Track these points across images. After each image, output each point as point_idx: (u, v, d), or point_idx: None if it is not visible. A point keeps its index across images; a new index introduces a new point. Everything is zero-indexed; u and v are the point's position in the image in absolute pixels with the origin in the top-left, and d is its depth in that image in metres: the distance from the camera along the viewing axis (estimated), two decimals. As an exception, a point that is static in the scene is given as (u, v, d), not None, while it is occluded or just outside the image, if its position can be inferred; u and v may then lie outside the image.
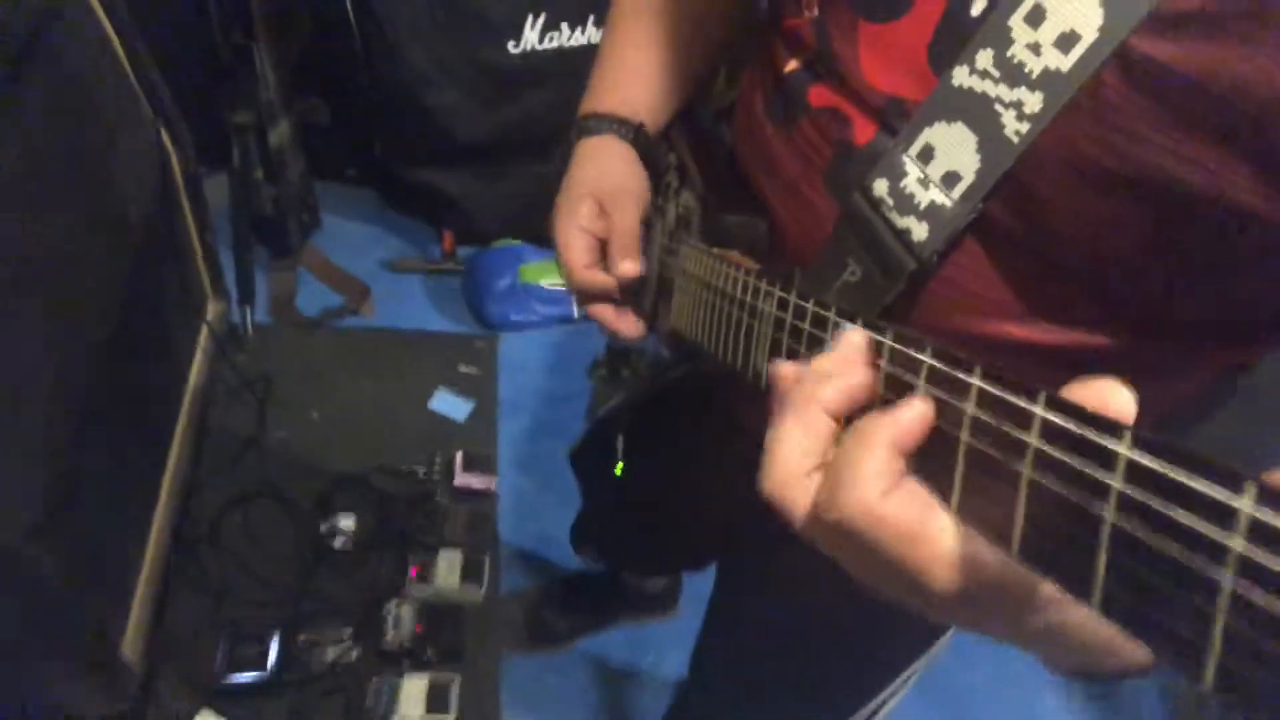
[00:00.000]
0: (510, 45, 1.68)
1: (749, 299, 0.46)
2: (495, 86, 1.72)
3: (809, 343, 0.39)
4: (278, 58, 1.60)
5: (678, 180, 0.66)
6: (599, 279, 0.62)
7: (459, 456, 1.45)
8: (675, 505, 0.91)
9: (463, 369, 1.69)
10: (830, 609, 0.75)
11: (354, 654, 1.16)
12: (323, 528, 1.33)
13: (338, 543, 1.32)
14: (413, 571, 1.27)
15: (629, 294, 0.65)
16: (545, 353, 1.83)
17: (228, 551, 1.28)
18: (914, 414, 0.30)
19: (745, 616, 0.89)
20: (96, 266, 1.00)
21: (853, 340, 0.33)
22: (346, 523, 1.35)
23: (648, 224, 0.67)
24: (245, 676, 1.08)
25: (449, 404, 1.62)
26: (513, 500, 1.45)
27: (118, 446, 1.07)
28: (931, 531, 0.29)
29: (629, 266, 0.61)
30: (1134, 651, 0.32)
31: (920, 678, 0.82)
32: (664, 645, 1.35)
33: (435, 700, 1.11)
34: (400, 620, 1.20)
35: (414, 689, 1.12)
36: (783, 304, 0.41)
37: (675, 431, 0.76)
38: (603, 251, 0.63)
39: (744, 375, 0.46)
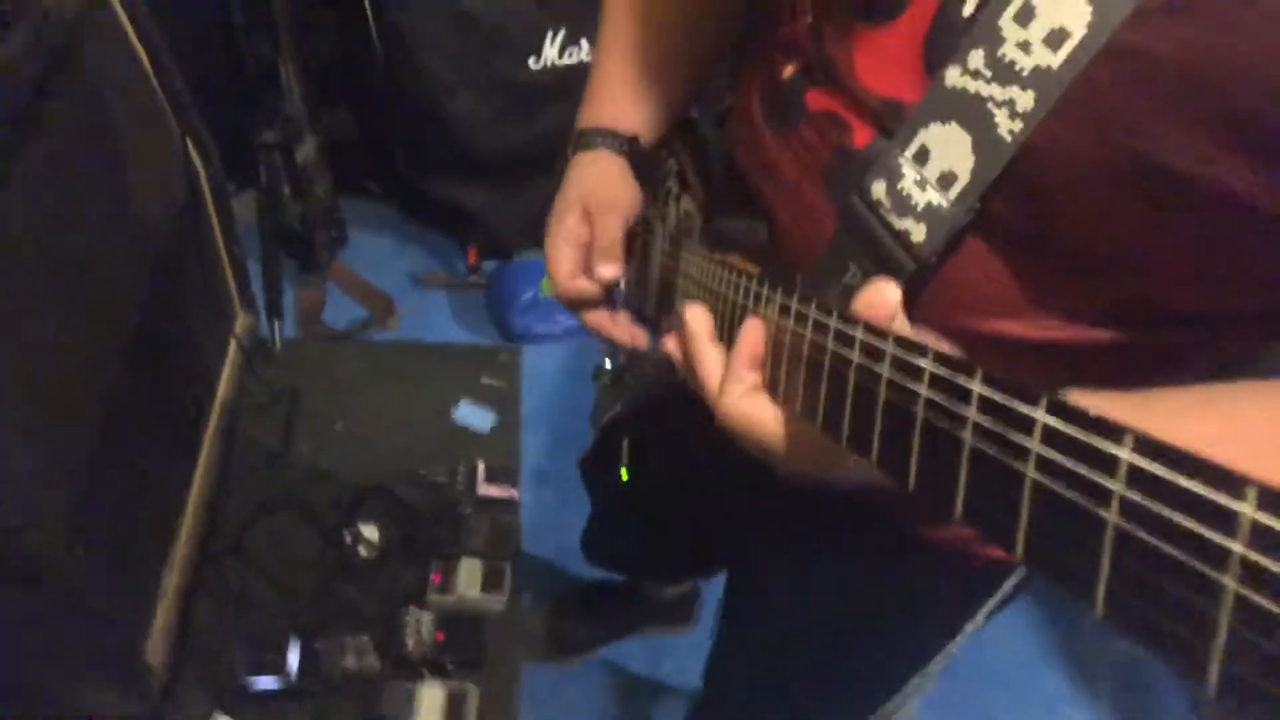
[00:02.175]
0: (530, 61, 1.70)
1: (750, 304, 0.47)
2: (516, 102, 1.75)
3: (810, 347, 0.39)
4: (303, 74, 1.64)
5: (678, 186, 0.67)
6: (582, 286, 0.63)
7: (481, 467, 1.46)
8: (681, 509, 0.91)
9: (486, 381, 1.70)
10: (839, 608, 0.75)
11: (373, 662, 1.17)
12: (346, 537, 1.34)
13: (361, 552, 1.34)
14: (434, 579, 1.27)
15: (631, 300, 0.66)
16: (568, 365, 1.84)
17: (252, 560, 1.30)
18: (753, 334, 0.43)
19: (756, 619, 0.89)
20: (119, 276, 1.02)
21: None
22: (370, 532, 1.36)
23: (648, 230, 0.67)
24: (265, 682, 1.09)
25: (472, 415, 1.63)
26: (534, 511, 1.45)
27: (145, 455, 1.10)
28: (768, 419, 0.43)
29: (606, 270, 0.62)
30: None
31: (940, 696, 0.81)
32: (683, 656, 1.34)
33: (453, 710, 1.11)
34: (421, 628, 1.20)
35: (432, 699, 1.12)
36: (784, 309, 0.41)
37: (680, 436, 0.77)
38: (589, 260, 0.63)
39: None
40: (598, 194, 0.64)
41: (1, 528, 0.73)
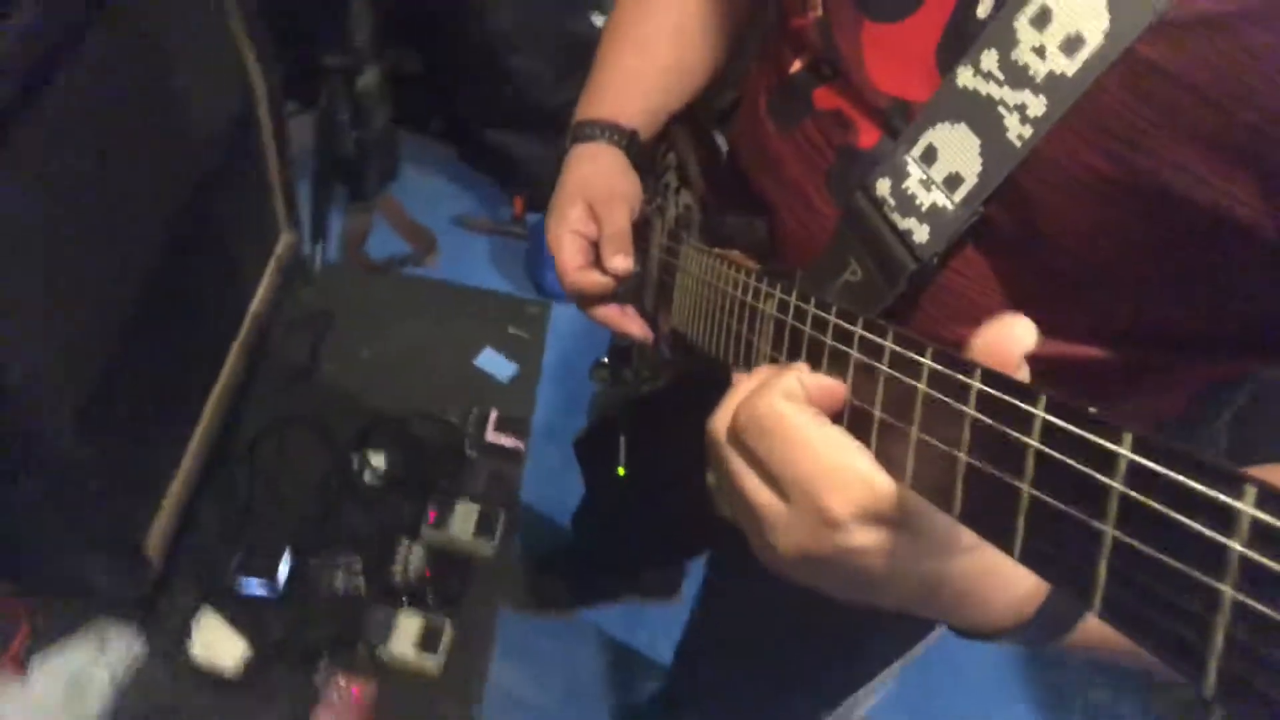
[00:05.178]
0: (594, 17, 1.70)
1: (749, 299, 0.47)
2: (577, 58, 1.74)
3: (809, 343, 0.39)
4: (374, 6, 1.65)
5: (677, 181, 0.66)
6: (593, 279, 0.63)
7: (493, 415, 1.49)
8: (672, 504, 0.92)
9: (512, 331, 1.72)
10: (813, 607, 0.76)
11: (360, 585, 1.21)
12: (354, 462, 1.38)
13: (366, 478, 1.38)
14: (430, 515, 1.30)
15: (630, 294, 0.66)
16: (593, 328, 1.85)
17: (260, 471, 1.35)
18: (831, 381, 0.34)
19: (735, 604, 0.90)
20: (162, 175, 1.05)
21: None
22: (377, 460, 1.39)
23: (646, 225, 0.67)
24: (254, 586, 1.13)
25: (494, 363, 1.65)
26: (538, 466, 1.47)
27: (170, 355, 1.13)
28: (827, 434, 0.33)
29: (620, 262, 0.61)
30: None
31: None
32: (660, 627, 1.36)
33: (427, 640, 1.15)
34: (410, 560, 1.24)
35: (409, 625, 1.15)
36: (783, 305, 0.42)
37: (675, 432, 0.77)
38: (596, 253, 0.63)
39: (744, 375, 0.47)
40: (600, 186, 0.64)
41: (11, 407, 0.76)
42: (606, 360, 0.80)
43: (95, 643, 1.09)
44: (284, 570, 1.15)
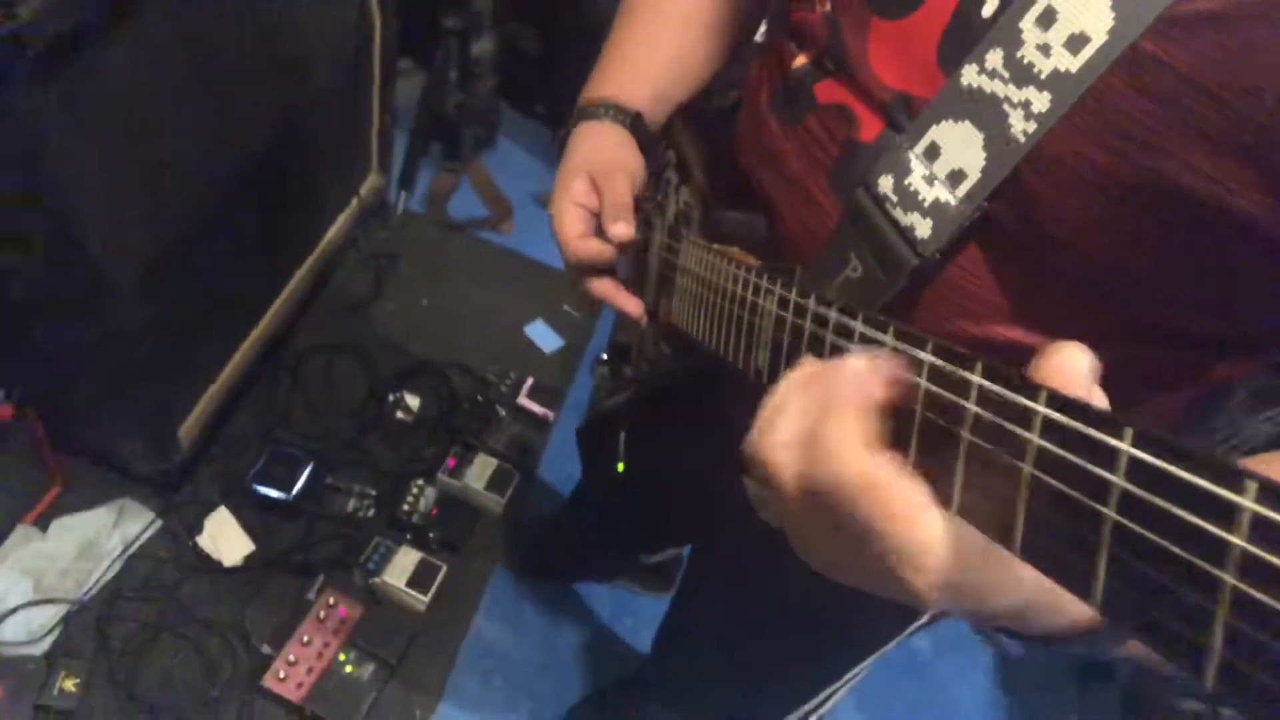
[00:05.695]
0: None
1: (750, 296, 0.46)
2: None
3: (810, 340, 0.39)
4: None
5: (678, 177, 0.66)
6: (593, 247, 0.61)
7: (529, 380, 1.52)
8: (666, 496, 0.92)
9: (567, 309, 1.76)
10: (787, 609, 0.75)
11: (370, 512, 1.25)
12: (390, 398, 1.43)
13: (398, 415, 1.42)
14: (450, 462, 1.34)
15: (629, 289, 0.66)
16: (649, 321, 1.87)
17: (302, 387, 1.40)
18: (861, 368, 0.30)
19: (709, 601, 0.90)
20: (271, 86, 1.10)
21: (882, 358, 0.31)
22: (412, 400, 1.44)
23: (647, 222, 0.67)
24: (269, 491, 1.17)
25: (542, 334, 1.69)
26: (562, 440, 1.50)
27: (242, 253, 1.18)
28: (913, 501, 0.28)
29: (621, 229, 0.60)
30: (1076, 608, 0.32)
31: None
32: (645, 617, 1.36)
33: (420, 578, 1.17)
34: (421, 498, 1.27)
35: (406, 560, 1.18)
36: (783, 301, 0.41)
37: (671, 428, 0.77)
38: (598, 225, 0.62)
39: (745, 373, 0.46)
40: (602, 160, 0.63)
41: (82, 254, 0.81)
42: (606, 357, 0.80)
43: (114, 515, 1.15)
44: (300, 483, 1.19)
